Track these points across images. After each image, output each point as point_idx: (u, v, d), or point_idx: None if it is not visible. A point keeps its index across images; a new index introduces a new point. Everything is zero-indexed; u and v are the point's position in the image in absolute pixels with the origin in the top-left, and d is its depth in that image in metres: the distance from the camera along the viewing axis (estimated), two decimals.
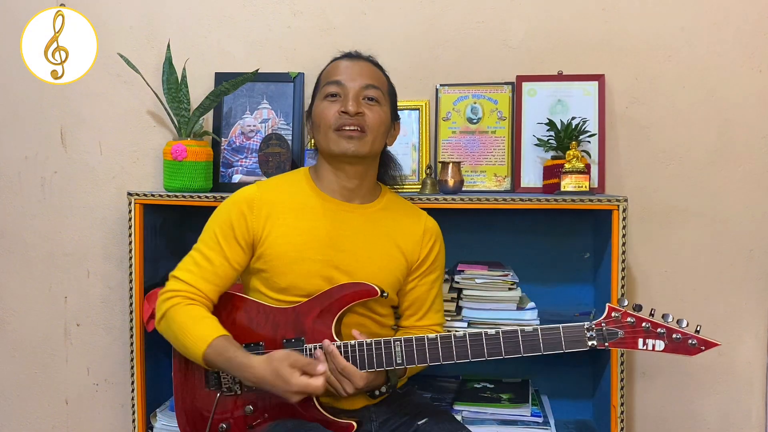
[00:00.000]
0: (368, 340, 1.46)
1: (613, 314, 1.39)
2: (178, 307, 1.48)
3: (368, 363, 1.45)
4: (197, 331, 1.45)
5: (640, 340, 1.37)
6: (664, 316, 1.37)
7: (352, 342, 1.46)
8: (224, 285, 1.54)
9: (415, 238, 1.62)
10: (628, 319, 1.38)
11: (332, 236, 1.53)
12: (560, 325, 1.40)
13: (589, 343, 1.39)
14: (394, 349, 1.45)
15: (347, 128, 1.51)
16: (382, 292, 1.50)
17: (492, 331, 1.42)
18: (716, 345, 1.35)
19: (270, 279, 1.53)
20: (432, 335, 1.45)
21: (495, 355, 1.42)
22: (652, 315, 1.39)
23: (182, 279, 1.52)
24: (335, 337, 1.48)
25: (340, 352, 1.44)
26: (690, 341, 1.35)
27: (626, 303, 1.40)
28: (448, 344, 1.43)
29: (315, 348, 1.48)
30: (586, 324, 1.40)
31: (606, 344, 1.39)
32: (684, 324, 1.37)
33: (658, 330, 1.36)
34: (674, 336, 1.36)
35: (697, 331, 1.36)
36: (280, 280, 1.52)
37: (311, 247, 1.52)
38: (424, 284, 1.64)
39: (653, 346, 1.37)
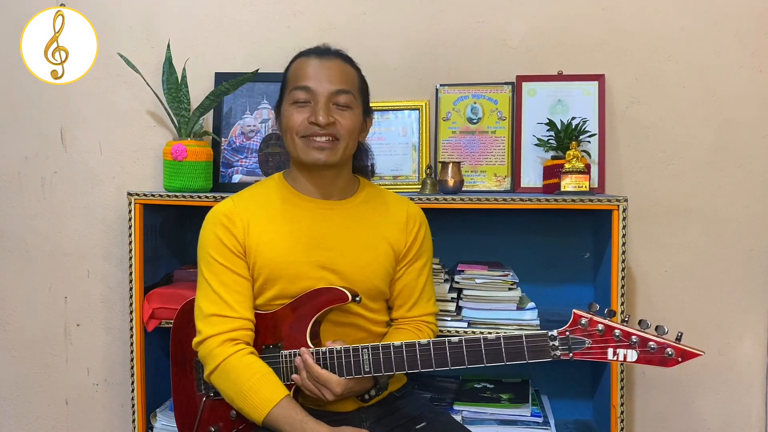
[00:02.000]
0: (338, 347, 1.43)
1: (580, 321, 1.29)
2: (231, 362, 1.43)
3: (338, 370, 1.42)
4: (256, 399, 1.41)
5: (610, 350, 1.26)
6: (641, 323, 1.26)
7: (323, 349, 1.44)
8: (250, 298, 1.50)
9: (399, 225, 1.59)
10: (598, 326, 1.27)
11: (316, 236, 1.51)
12: (523, 334, 1.34)
13: (553, 353, 1.31)
14: (362, 356, 1.42)
15: (317, 138, 1.48)
16: (354, 296, 1.47)
17: (455, 340, 1.37)
18: (697, 355, 1.23)
19: (260, 288, 1.51)
20: (397, 342, 1.41)
21: (458, 365, 1.37)
22: (625, 322, 1.28)
23: (215, 314, 1.46)
24: (309, 344, 1.46)
25: (316, 359, 1.43)
26: (667, 351, 1.23)
27: (597, 308, 1.30)
28: (413, 353, 1.40)
29: (292, 354, 1.47)
30: (551, 333, 1.32)
31: (570, 354, 1.29)
32: (665, 331, 1.25)
33: (631, 339, 1.25)
34: (649, 345, 1.24)
35: (677, 339, 1.25)
36: (271, 288, 1.50)
37: (296, 249, 1.50)
38: (412, 271, 1.61)
39: (625, 356, 1.25)
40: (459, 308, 1.87)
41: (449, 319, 1.83)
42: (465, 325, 1.82)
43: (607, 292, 1.78)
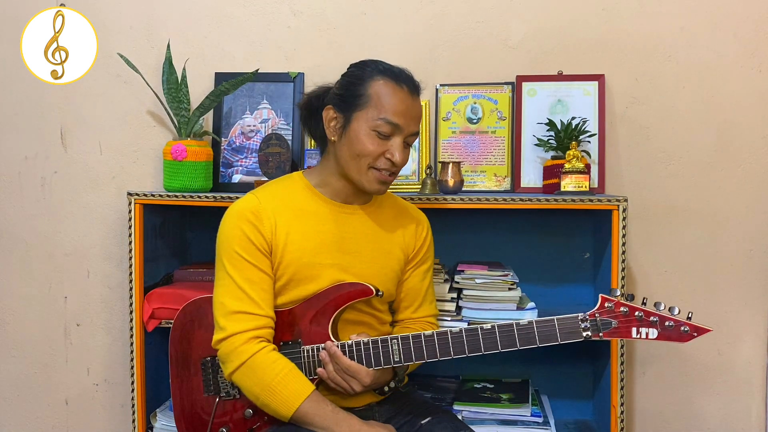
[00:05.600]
0: (365, 339, 1.47)
1: (606, 304, 1.41)
2: (257, 359, 1.42)
3: (366, 362, 1.46)
4: (285, 394, 1.41)
5: (634, 329, 1.39)
6: (656, 305, 1.40)
7: (349, 342, 1.47)
8: (272, 296, 1.50)
9: (410, 231, 1.64)
10: (621, 308, 1.40)
11: (338, 239, 1.53)
12: (555, 318, 1.42)
13: (584, 333, 1.41)
14: (392, 347, 1.46)
15: (386, 174, 1.50)
16: (377, 291, 1.51)
17: (488, 326, 1.44)
18: (708, 331, 1.37)
19: (281, 288, 1.51)
20: (428, 332, 1.46)
21: (491, 349, 1.43)
22: (644, 304, 1.41)
23: (241, 311, 1.45)
24: (332, 338, 1.49)
25: (342, 352, 1.45)
26: (682, 328, 1.37)
27: (618, 293, 1.42)
28: (445, 340, 1.45)
29: (314, 349, 1.48)
30: (581, 315, 1.42)
31: (600, 334, 1.41)
32: (676, 311, 1.39)
33: (651, 318, 1.39)
34: (667, 323, 1.38)
35: (688, 318, 1.38)
36: (294, 288, 1.51)
37: (321, 251, 1.51)
38: (418, 274, 1.65)
39: (647, 334, 1.39)
40: (459, 308, 1.86)
41: (449, 319, 1.83)
42: (465, 325, 1.82)
43: (607, 292, 1.77)
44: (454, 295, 1.87)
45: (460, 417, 1.81)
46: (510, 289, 1.84)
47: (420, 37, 2.11)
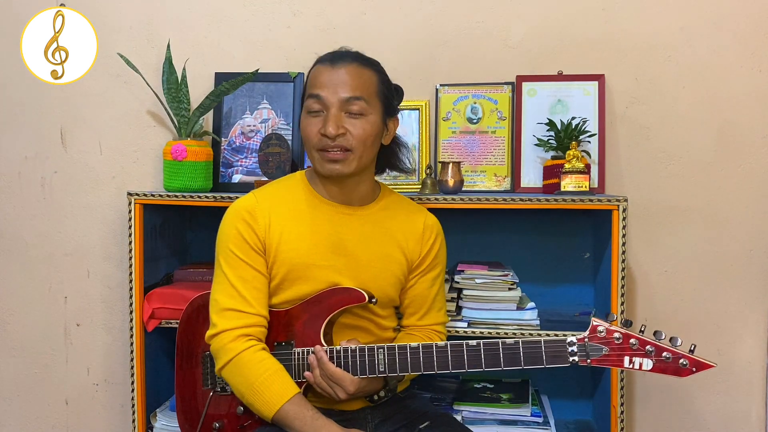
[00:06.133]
0: (353, 347, 1.45)
1: (598, 329, 1.34)
2: (244, 357, 1.43)
3: (352, 369, 1.44)
4: (267, 395, 1.41)
5: (626, 358, 1.32)
6: (656, 334, 1.32)
7: (338, 348, 1.45)
8: (266, 295, 1.51)
9: (416, 236, 1.59)
10: (615, 334, 1.33)
11: (334, 240, 1.52)
12: (542, 339, 1.38)
13: (571, 358, 1.35)
14: (377, 356, 1.44)
15: (330, 151, 1.46)
16: (371, 298, 1.49)
17: (473, 343, 1.40)
18: (710, 367, 1.30)
19: (276, 288, 1.51)
20: (414, 344, 1.43)
21: (475, 367, 1.40)
22: (642, 332, 1.33)
23: (232, 308, 1.46)
24: (323, 342, 1.48)
25: (330, 358, 1.44)
26: (681, 361, 1.30)
27: (615, 318, 1.34)
28: (429, 354, 1.42)
29: (305, 352, 1.48)
30: (569, 339, 1.36)
31: (588, 361, 1.34)
32: (678, 343, 1.31)
33: (647, 348, 1.31)
34: (664, 355, 1.31)
35: (691, 351, 1.31)
36: (288, 288, 1.51)
37: (315, 252, 1.50)
38: (425, 282, 1.61)
39: (640, 364, 1.31)
40: (459, 308, 1.87)
41: (449, 319, 1.82)
42: (465, 325, 1.82)
43: (607, 292, 1.78)
44: (454, 295, 1.87)
45: (459, 417, 1.81)
46: (510, 289, 1.84)
47: (420, 36, 2.11)
